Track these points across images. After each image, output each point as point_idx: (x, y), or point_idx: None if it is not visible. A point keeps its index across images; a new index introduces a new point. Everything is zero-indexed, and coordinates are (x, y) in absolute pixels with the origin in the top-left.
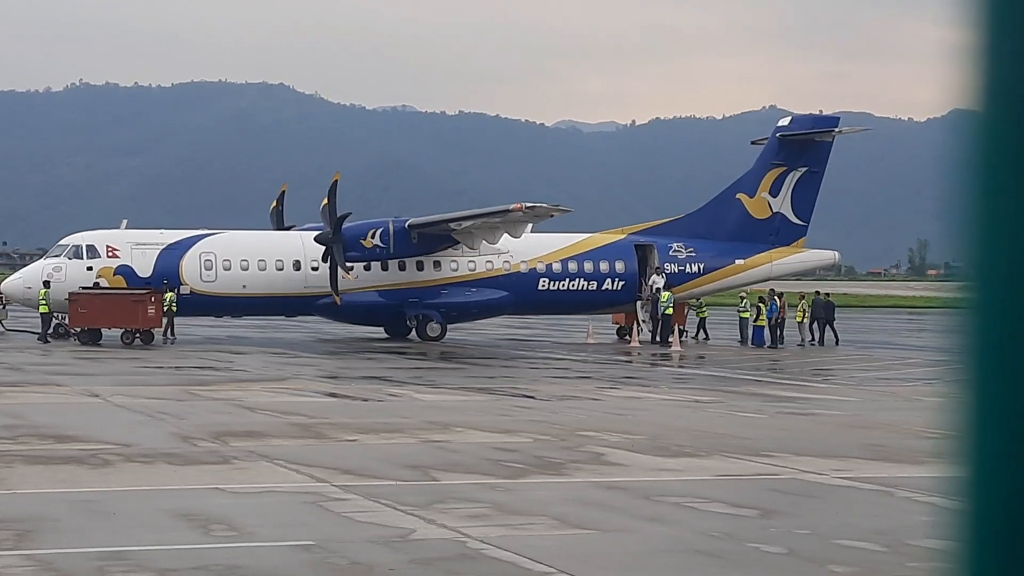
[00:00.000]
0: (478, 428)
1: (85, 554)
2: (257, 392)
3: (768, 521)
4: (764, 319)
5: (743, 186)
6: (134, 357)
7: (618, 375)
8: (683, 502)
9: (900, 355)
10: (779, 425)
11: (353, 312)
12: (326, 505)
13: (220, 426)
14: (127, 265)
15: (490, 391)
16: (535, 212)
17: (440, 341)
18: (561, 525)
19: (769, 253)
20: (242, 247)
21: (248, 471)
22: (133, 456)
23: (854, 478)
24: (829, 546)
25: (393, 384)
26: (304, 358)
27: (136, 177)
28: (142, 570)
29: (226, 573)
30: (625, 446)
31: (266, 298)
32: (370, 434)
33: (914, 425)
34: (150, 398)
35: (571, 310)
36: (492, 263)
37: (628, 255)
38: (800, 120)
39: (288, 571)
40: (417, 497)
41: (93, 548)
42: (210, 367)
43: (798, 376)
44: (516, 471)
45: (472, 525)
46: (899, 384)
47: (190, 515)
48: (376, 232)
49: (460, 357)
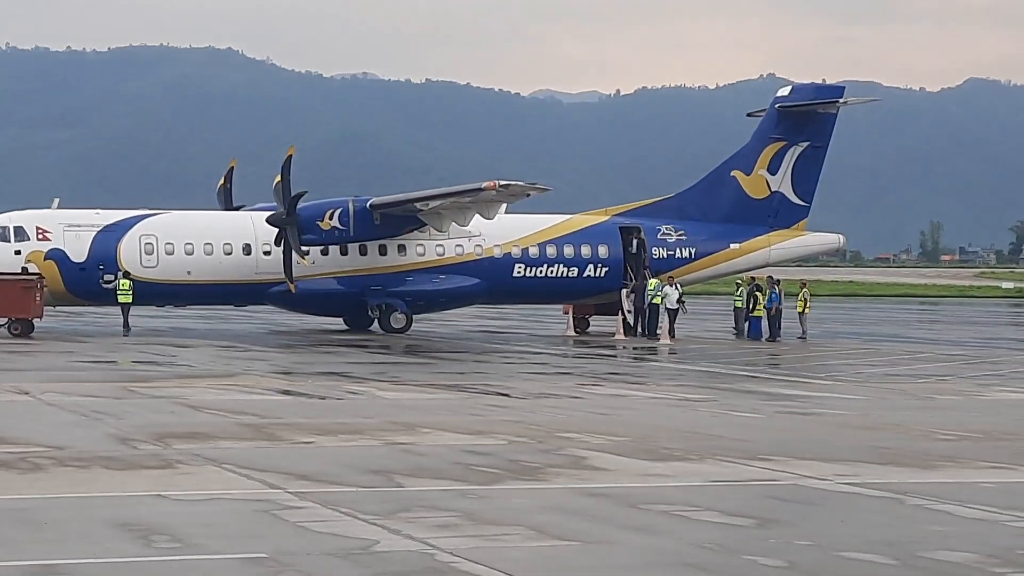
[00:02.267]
0: (447, 429)
1: (14, 568)
2: (203, 389)
3: (766, 531)
4: (761, 309)
5: (738, 163)
6: (66, 350)
7: (601, 371)
8: (673, 510)
9: (910, 349)
10: (778, 426)
11: (309, 301)
12: (279, 514)
13: (162, 427)
14: (59, 249)
15: (460, 388)
16: (510, 191)
17: (405, 333)
18: (539, 536)
19: (767, 236)
20: (186, 229)
21: (193, 476)
22: (67, 460)
23: (860, 484)
24: (833, 559)
25: (353, 381)
26: (255, 352)
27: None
28: None
29: None
30: (609, 449)
31: (213, 285)
32: (328, 436)
33: (926, 426)
34: (85, 396)
35: (549, 299)
36: (462, 247)
37: (612, 239)
38: (801, 90)
39: None
40: (380, 505)
41: (23, 561)
42: (151, 361)
43: (799, 372)
44: (489, 476)
45: (441, 536)
46: (909, 381)
47: (130, 525)
48: (334, 213)
49: (427, 351)
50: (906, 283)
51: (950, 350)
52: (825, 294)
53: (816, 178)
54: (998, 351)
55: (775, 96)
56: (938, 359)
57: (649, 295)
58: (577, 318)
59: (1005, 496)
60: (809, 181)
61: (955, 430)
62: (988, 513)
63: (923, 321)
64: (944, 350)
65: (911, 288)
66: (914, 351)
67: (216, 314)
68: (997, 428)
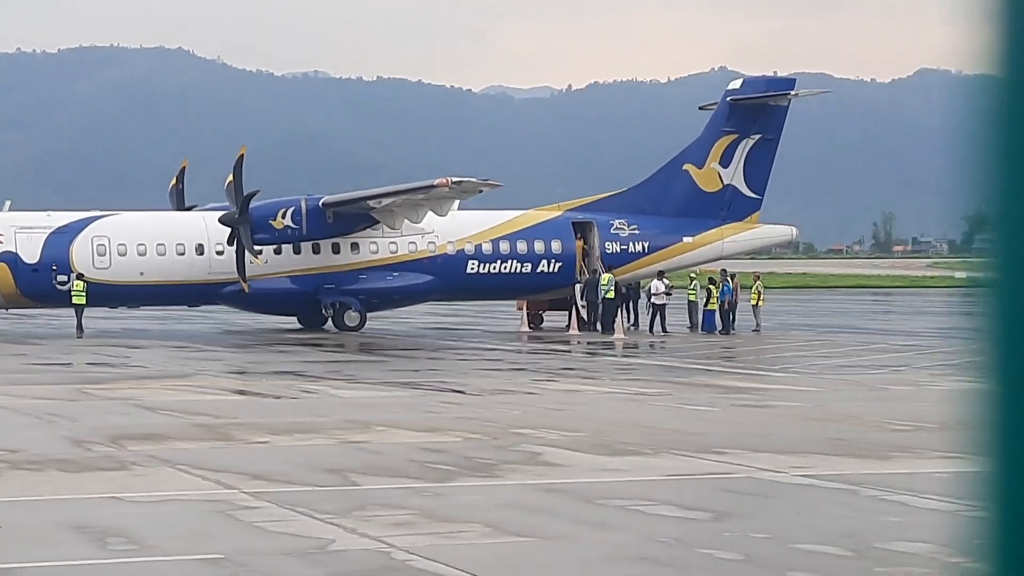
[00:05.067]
0: (402, 427)
1: None
2: (157, 390)
3: (722, 524)
4: (715, 303)
5: (691, 156)
6: (19, 353)
7: (555, 366)
8: (629, 505)
9: (864, 340)
10: (733, 419)
11: (262, 300)
12: (235, 514)
13: (117, 428)
14: (11, 252)
15: (415, 386)
16: (462, 188)
17: (359, 331)
18: (495, 532)
19: (720, 229)
20: (138, 230)
21: (148, 478)
22: (20, 463)
23: (815, 476)
24: (789, 551)
25: (308, 379)
26: (209, 352)
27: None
28: None
29: None
30: (564, 444)
31: (166, 286)
32: (283, 435)
33: (880, 417)
34: (38, 398)
35: (503, 295)
36: (415, 244)
37: (565, 234)
38: (752, 83)
39: None
40: (336, 504)
41: None
42: (105, 363)
43: (753, 365)
44: (445, 474)
45: (397, 534)
46: (864, 372)
47: (85, 527)
48: (287, 212)
49: (381, 349)
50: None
51: (904, 341)
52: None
53: (768, 170)
54: (952, 341)
55: (726, 89)
56: (892, 350)
57: (603, 290)
58: (531, 314)
59: (960, 486)
60: (761, 174)
61: (910, 421)
62: (943, 503)
63: (877, 312)
64: (898, 341)
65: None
66: (868, 342)
67: (169, 315)
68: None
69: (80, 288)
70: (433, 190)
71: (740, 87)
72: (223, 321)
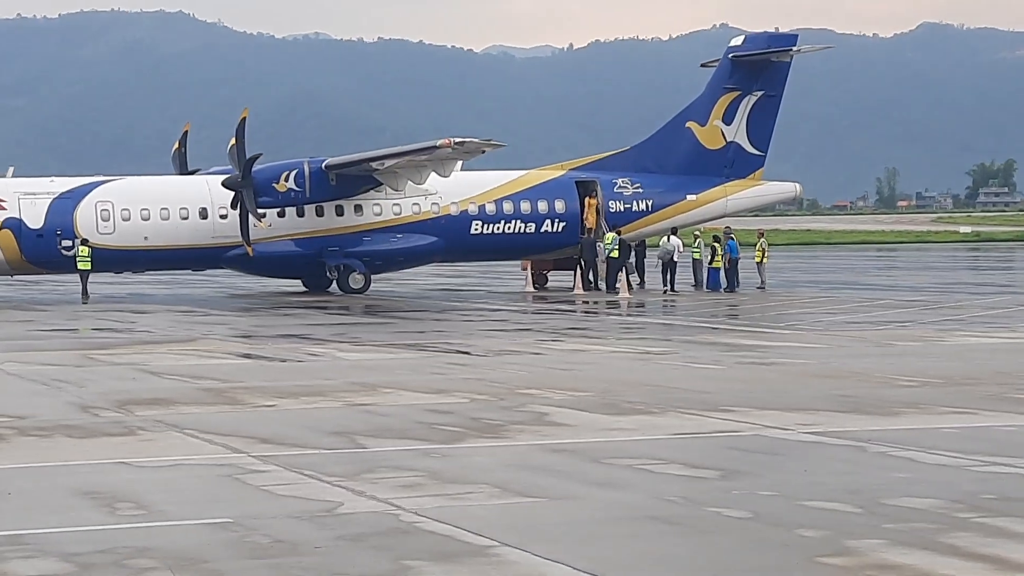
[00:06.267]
0: (408, 389)
1: None
2: (163, 355)
3: (730, 483)
4: (720, 261)
5: (693, 114)
6: (25, 319)
7: (561, 326)
8: (636, 464)
9: (870, 296)
10: (739, 377)
11: (267, 264)
12: (243, 478)
13: (124, 393)
14: (15, 218)
15: (421, 347)
16: (465, 148)
17: (364, 293)
18: (503, 493)
19: (724, 187)
20: (142, 194)
21: (156, 443)
22: (29, 429)
23: (823, 433)
24: (797, 508)
25: (313, 342)
26: (214, 316)
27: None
28: (43, 555)
29: (135, 555)
30: (571, 404)
31: (170, 250)
32: (289, 398)
33: (887, 373)
34: (45, 364)
35: (507, 255)
36: (419, 206)
37: (569, 193)
38: (754, 39)
39: (204, 551)
40: (343, 467)
41: None
42: (110, 328)
43: (758, 322)
44: (451, 435)
45: (405, 496)
46: (869, 328)
47: (94, 493)
48: (290, 174)
49: (386, 311)
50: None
51: (909, 296)
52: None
53: (771, 127)
54: (957, 296)
55: (728, 46)
56: (897, 305)
57: (607, 248)
58: (535, 274)
59: (968, 441)
60: (764, 130)
61: (916, 376)
62: (951, 459)
63: (881, 268)
64: (903, 296)
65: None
66: (873, 298)
67: (174, 279)
68: (958, 373)
69: (85, 254)
70: (436, 151)
71: (742, 44)
72: (228, 285)
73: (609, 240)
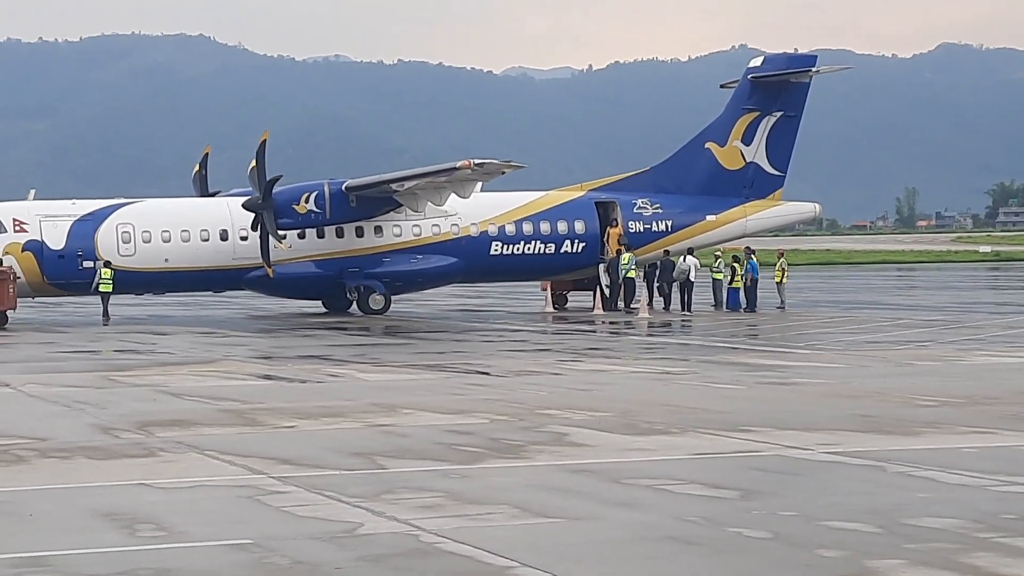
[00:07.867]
0: (428, 409)
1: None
2: (184, 376)
3: (750, 503)
4: (739, 280)
5: (712, 134)
6: (47, 341)
7: (580, 346)
8: (656, 485)
9: (890, 316)
10: (759, 397)
11: (287, 285)
12: (264, 499)
13: (144, 415)
14: (36, 240)
15: (441, 368)
16: (485, 169)
17: (384, 314)
18: (523, 514)
19: (743, 207)
20: (163, 216)
21: (176, 464)
22: (49, 451)
23: (843, 453)
24: (817, 528)
25: (334, 363)
26: (235, 337)
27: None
28: None
29: None
30: (591, 425)
31: (191, 272)
32: (310, 419)
33: (907, 393)
34: (66, 386)
35: (527, 276)
36: (439, 227)
37: (588, 214)
38: (773, 60)
39: (224, 573)
40: (364, 488)
41: (8, 554)
42: (131, 350)
43: (778, 342)
44: (471, 456)
45: (425, 517)
46: (889, 348)
47: (114, 514)
48: (310, 196)
49: (406, 331)
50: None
51: (929, 316)
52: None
53: (791, 147)
54: (977, 315)
55: (748, 67)
56: (917, 325)
57: (623, 269)
58: (555, 294)
59: (988, 461)
60: (784, 151)
61: (936, 396)
62: (971, 478)
63: (901, 287)
64: (923, 316)
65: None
66: (893, 318)
67: (195, 301)
68: (978, 393)
69: (107, 276)
70: (456, 172)
71: (761, 64)
72: (248, 306)
73: (626, 260)
